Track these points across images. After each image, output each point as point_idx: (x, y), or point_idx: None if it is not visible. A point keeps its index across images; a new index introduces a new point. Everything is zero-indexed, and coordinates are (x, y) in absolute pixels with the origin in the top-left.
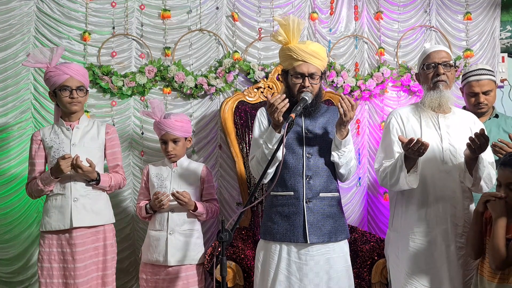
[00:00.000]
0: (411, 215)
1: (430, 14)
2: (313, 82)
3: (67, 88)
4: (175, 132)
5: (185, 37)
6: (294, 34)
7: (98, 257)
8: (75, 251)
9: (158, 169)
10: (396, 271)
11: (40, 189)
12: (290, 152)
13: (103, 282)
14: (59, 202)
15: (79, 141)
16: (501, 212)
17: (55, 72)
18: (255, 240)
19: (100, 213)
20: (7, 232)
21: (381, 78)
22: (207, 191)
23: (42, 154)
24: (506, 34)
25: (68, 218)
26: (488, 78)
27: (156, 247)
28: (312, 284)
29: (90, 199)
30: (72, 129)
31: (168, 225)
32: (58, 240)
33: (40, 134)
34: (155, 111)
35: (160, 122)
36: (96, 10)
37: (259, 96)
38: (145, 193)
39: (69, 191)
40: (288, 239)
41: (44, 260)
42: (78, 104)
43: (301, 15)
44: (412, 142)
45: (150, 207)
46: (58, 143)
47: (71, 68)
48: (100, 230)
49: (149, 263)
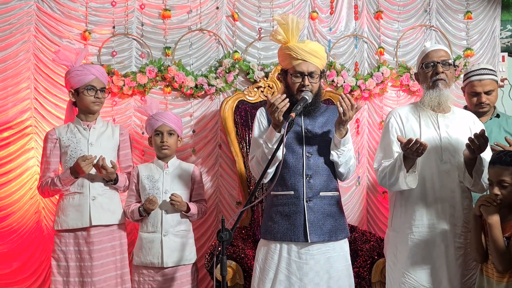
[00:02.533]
0: (410, 214)
1: (430, 14)
2: (313, 81)
3: (93, 88)
4: (171, 124)
5: (185, 37)
6: (293, 33)
7: (115, 256)
8: (93, 249)
9: (148, 170)
10: (393, 270)
11: (58, 188)
12: (290, 151)
13: (123, 280)
14: (77, 201)
15: (96, 141)
16: (494, 216)
17: (82, 71)
18: (255, 239)
19: (115, 212)
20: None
21: (380, 78)
22: (197, 191)
23: (57, 153)
24: (507, 33)
25: (86, 216)
26: (490, 78)
27: (150, 249)
28: (312, 283)
29: (107, 198)
30: (89, 129)
31: (162, 226)
32: (75, 238)
33: (55, 133)
34: (151, 106)
35: (156, 114)
36: (96, 9)
37: (259, 96)
38: (135, 196)
39: (88, 190)
40: (288, 238)
41: (61, 258)
42: (100, 104)
43: (301, 15)
44: (410, 143)
45: (144, 209)
46: (75, 143)
47: (97, 69)
48: (115, 229)
49: (142, 265)
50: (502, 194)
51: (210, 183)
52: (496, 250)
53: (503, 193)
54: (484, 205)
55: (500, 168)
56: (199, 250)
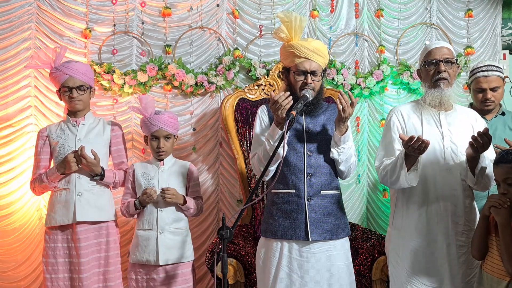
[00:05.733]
0: (412, 213)
1: (431, 12)
2: (315, 79)
3: (66, 87)
4: (168, 129)
5: (185, 35)
6: (297, 31)
7: (100, 253)
8: (79, 246)
9: (144, 167)
10: (396, 269)
11: (45, 184)
12: (291, 149)
13: (105, 278)
14: (64, 197)
15: (84, 137)
16: (506, 219)
17: (56, 72)
18: (256, 237)
19: (103, 209)
20: (7, 229)
21: (381, 76)
22: (193, 188)
23: (47, 150)
24: (508, 31)
25: (71, 212)
26: (496, 75)
27: (145, 247)
28: (313, 281)
29: (94, 195)
30: (78, 125)
31: (158, 224)
32: (63, 235)
33: (46, 130)
34: (147, 107)
35: (153, 118)
36: (97, 7)
37: (260, 93)
38: (131, 193)
39: (74, 185)
40: (289, 237)
41: (49, 255)
42: (79, 102)
43: (302, 13)
44: (412, 140)
45: (140, 202)
46: (63, 139)
47: (69, 67)
48: (103, 226)
49: (139, 263)
50: (510, 192)
51: (210, 181)
52: (507, 252)
53: (510, 191)
54: (494, 207)
55: (503, 166)
56: (200, 248)
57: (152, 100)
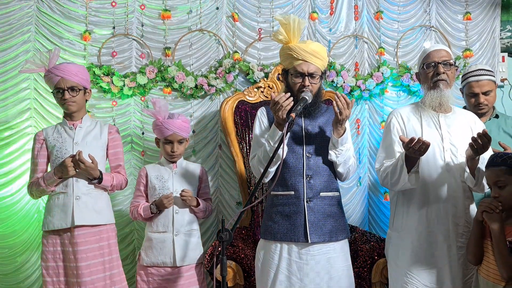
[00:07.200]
0: (412, 215)
1: (430, 14)
2: (313, 82)
3: (59, 89)
4: (182, 133)
5: (185, 37)
6: (295, 34)
7: (103, 257)
8: (77, 250)
9: (157, 170)
10: (395, 270)
11: (42, 188)
12: (290, 151)
13: (112, 281)
14: (62, 201)
15: (81, 140)
16: (498, 224)
17: (48, 75)
18: (255, 239)
19: (101, 213)
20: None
21: (381, 78)
22: (203, 190)
23: (44, 153)
24: (506, 33)
25: (70, 216)
26: (488, 79)
27: (161, 249)
28: (313, 283)
29: (92, 198)
30: (75, 128)
31: (174, 226)
32: (61, 239)
33: (43, 134)
34: (160, 111)
35: (167, 123)
36: (97, 9)
37: (259, 96)
38: (143, 196)
39: (71, 189)
40: (288, 239)
41: (49, 259)
42: (72, 104)
43: (301, 15)
44: (413, 142)
45: (156, 206)
46: (61, 142)
47: (60, 69)
48: (102, 229)
49: (154, 265)
50: (501, 195)
51: (210, 183)
52: (501, 257)
53: (501, 194)
54: (486, 212)
55: (493, 170)
56: None
57: (165, 103)
